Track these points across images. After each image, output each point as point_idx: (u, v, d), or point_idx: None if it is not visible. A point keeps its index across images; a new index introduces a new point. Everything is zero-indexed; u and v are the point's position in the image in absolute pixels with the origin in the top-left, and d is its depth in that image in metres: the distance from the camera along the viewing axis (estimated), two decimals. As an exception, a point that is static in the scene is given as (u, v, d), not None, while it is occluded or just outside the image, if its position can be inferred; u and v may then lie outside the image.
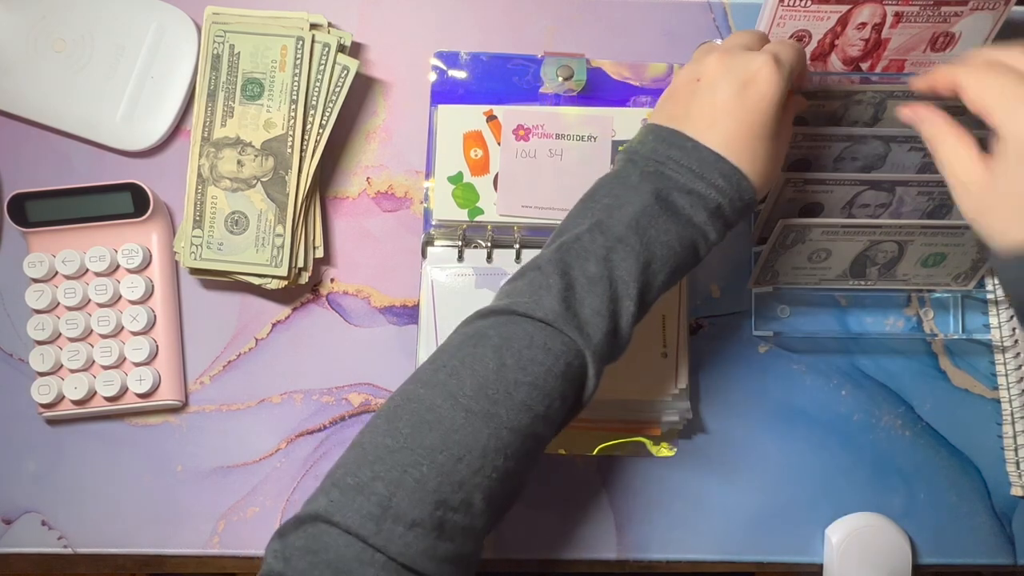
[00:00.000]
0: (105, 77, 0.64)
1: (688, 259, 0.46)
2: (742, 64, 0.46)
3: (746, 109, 0.46)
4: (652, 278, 0.45)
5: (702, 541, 0.63)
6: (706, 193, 0.45)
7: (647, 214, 0.45)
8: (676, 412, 0.59)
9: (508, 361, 0.42)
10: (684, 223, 0.45)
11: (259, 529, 0.62)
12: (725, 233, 0.47)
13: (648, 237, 0.45)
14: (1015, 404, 0.63)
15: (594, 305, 0.44)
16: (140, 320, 0.61)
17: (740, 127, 0.46)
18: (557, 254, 0.45)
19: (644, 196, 0.45)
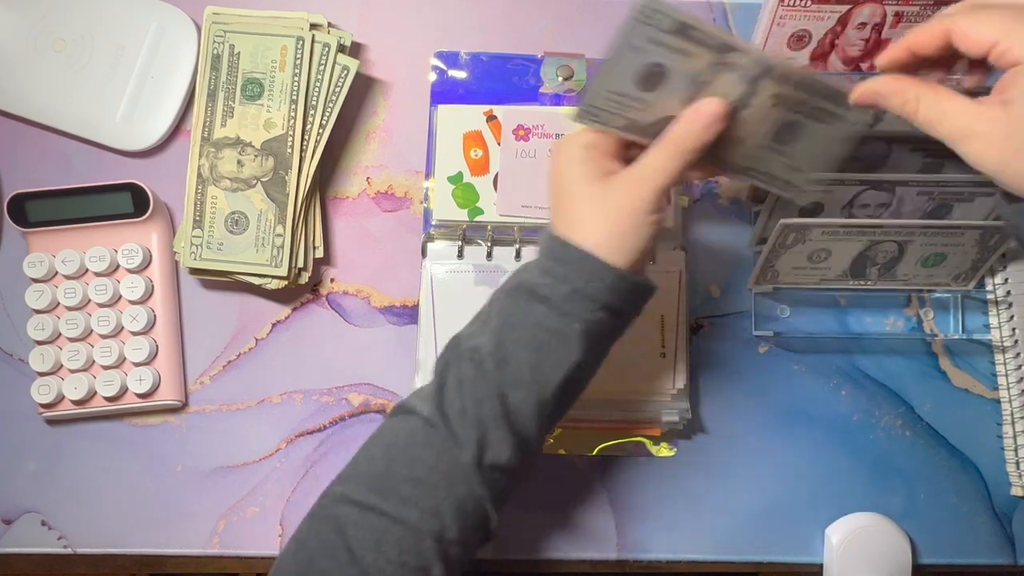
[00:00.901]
0: (105, 77, 0.64)
1: (560, 344, 0.43)
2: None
3: (553, 184, 0.46)
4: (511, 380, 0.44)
5: (702, 541, 0.63)
6: (546, 280, 0.44)
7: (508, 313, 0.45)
8: (676, 412, 0.59)
9: (397, 457, 0.44)
10: (539, 317, 0.44)
11: (259, 529, 0.62)
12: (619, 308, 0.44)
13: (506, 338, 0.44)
14: (1015, 404, 0.63)
15: (462, 406, 0.44)
16: (140, 320, 0.61)
17: (555, 202, 0.46)
18: (448, 353, 0.46)
19: (504, 296, 0.45)
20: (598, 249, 0.43)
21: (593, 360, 0.45)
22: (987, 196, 0.57)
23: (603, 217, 0.43)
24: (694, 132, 0.43)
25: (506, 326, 0.44)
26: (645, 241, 0.44)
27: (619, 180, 0.44)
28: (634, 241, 0.43)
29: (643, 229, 0.43)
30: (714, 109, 0.43)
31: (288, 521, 0.62)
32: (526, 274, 0.45)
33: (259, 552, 0.62)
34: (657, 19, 0.42)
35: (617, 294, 0.44)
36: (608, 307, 0.44)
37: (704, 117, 0.43)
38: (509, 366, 0.43)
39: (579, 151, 0.45)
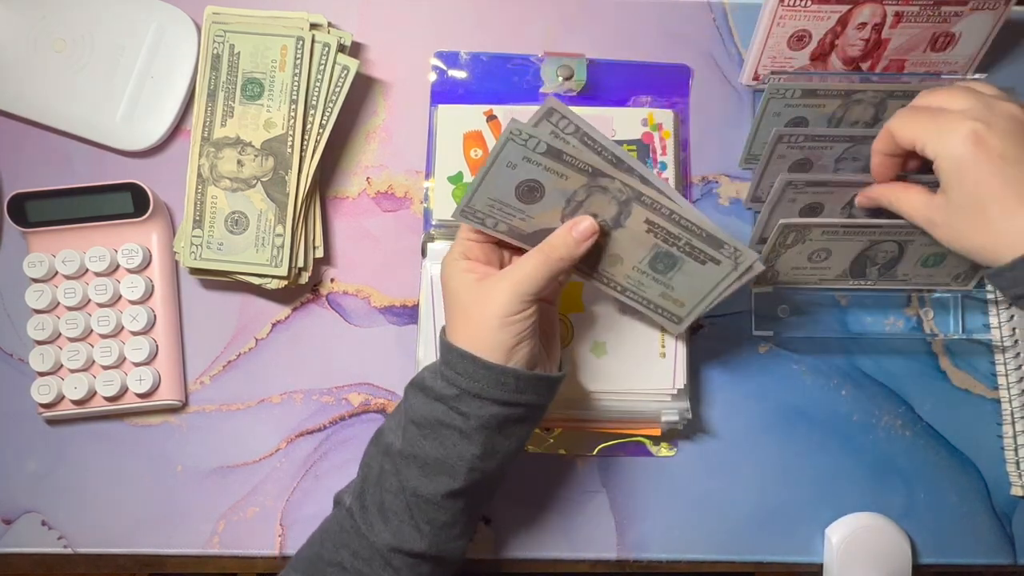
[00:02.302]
0: (105, 77, 0.64)
1: (460, 440, 0.47)
2: None
3: (443, 292, 0.50)
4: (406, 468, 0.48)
5: (702, 541, 0.63)
6: (438, 383, 0.48)
7: (414, 410, 0.48)
8: (676, 412, 0.59)
9: (326, 544, 0.49)
10: (439, 414, 0.47)
11: (259, 529, 0.62)
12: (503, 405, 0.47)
13: (413, 435, 0.48)
14: (1015, 404, 0.63)
15: (380, 499, 0.48)
16: (140, 320, 0.61)
17: (444, 307, 0.50)
18: (371, 446, 0.51)
19: (412, 392, 0.49)
20: (474, 349, 0.46)
21: (501, 448, 0.48)
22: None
23: (474, 319, 0.47)
24: (566, 245, 0.48)
25: (412, 423, 0.48)
26: (514, 339, 0.46)
27: (487, 283, 0.47)
28: (502, 338, 0.46)
29: (508, 328, 0.46)
30: (585, 227, 0.48)
31: (288, 521, 0.62)
32: (428, 373, 0.49)
33: (259, 552, 0.62)
34: (531, 142, 0.45)
35: (503, 388, 0.46)
36: (498, 401, 0.47)
37: (577, 233, 0.48)
38: (417, 460, 0.47)
39: (458, 261, 0.49)
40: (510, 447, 0.49)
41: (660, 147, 0.63)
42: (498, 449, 0.48)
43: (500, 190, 0.47)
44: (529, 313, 0.47)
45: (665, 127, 0.63)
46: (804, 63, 0.63)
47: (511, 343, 0.46)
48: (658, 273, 0.51)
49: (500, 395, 0.46)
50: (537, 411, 0.50)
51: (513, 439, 0.49)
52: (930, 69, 0.63)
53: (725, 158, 0.66)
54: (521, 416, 0.48)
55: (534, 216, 0.49)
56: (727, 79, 0.66)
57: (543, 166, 0.46)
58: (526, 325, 0.47)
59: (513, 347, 0.47)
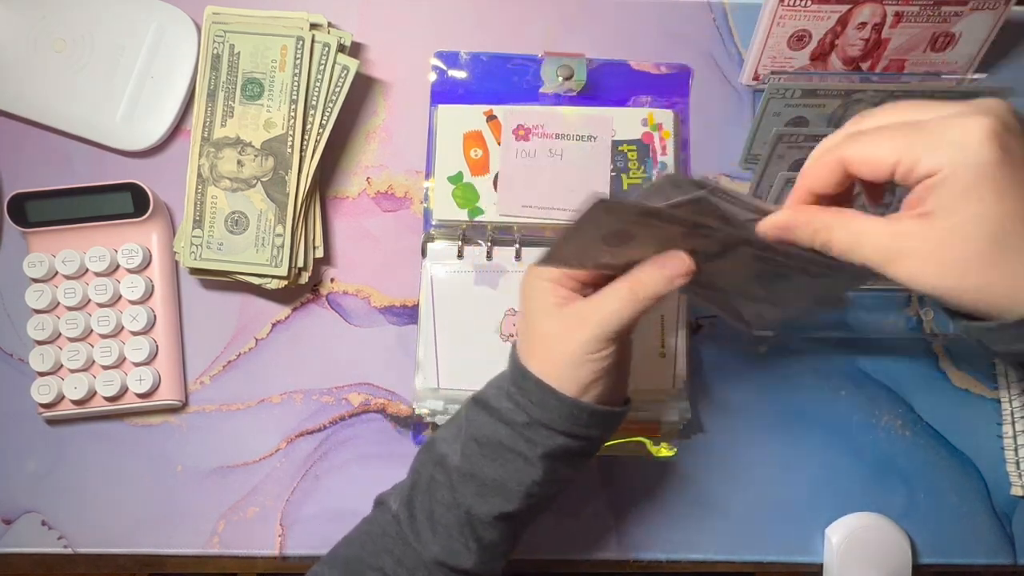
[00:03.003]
0: (105, 77, 0.64)
1: (523, 465, 0.45)
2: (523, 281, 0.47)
3: (520, 309, 0.47)
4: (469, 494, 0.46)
5: (702, 541, 0.63)
6: (508, 405, 0.46)
7: (476, 427, 0.47)
8: (676, 412, 0.59)
9: (368, 546, 0.48)
10: (503, 437, 0.46)
11: (259, 529, 0.62)
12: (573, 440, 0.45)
13: (472, 452, 0.46)
14: (1015, 404, 0.63)
15: (430, 509, 0.47)
16: (140, 320, 0.61)
17: (520, 326, 0.47)
18: (423, 453, 0.49)
19: (475, 407, 0.47)
20: (549, 379, 0.44)
21: (561, 476, 0.47)
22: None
23: (552, 348, 0.44)
24: (655, 283, 0.43)
25: (472, 440, 0.46)
26: (591, 376, 0.44)
27: (570, 313, 0.44)
28: (579, 375, 0.44)
29: (586, 366, 0.44)
30: (677, 264, 0.42)
31: (288, 521, 0.62)
32: (493, 391, 0.47)
33: (259, 552, 0.62)
34: (618, 210, 0.38)
35: (574, 422, 0.45)
36: (567, 433, 0.45)
37: (669, 268, 0.42)
38: (475, 479, 0.46)
39: (543, 281, 0.46)
40: (569, 475, 0.47)
41: (660, 147, 0.63)
42: (558, 476, 0.46)
43: (589, 245, 0.41)
44: (609, 353, 0.44)
45: (665, 127, 0.63)
46: (804, 63, 0.63)
47: (587, 380, 0.44)
48: (759, 286, 0.45)
49: (570, 428, 0.45)
50: (599, 443, 0.48)
51: (572, 468, 0.47)
52: (930, 69, 0.63)
53: (725, 158, 0.66)
54: (585, 448, 0.47)
55: (624, 254, 0.43)
56: (727, 79, 0.66)
57: (636, 223, 0.39)
58: (605, 364, 0.44)
59: (589, 384, 0.44)
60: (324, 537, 0.62)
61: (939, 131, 0.33)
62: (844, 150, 0.36)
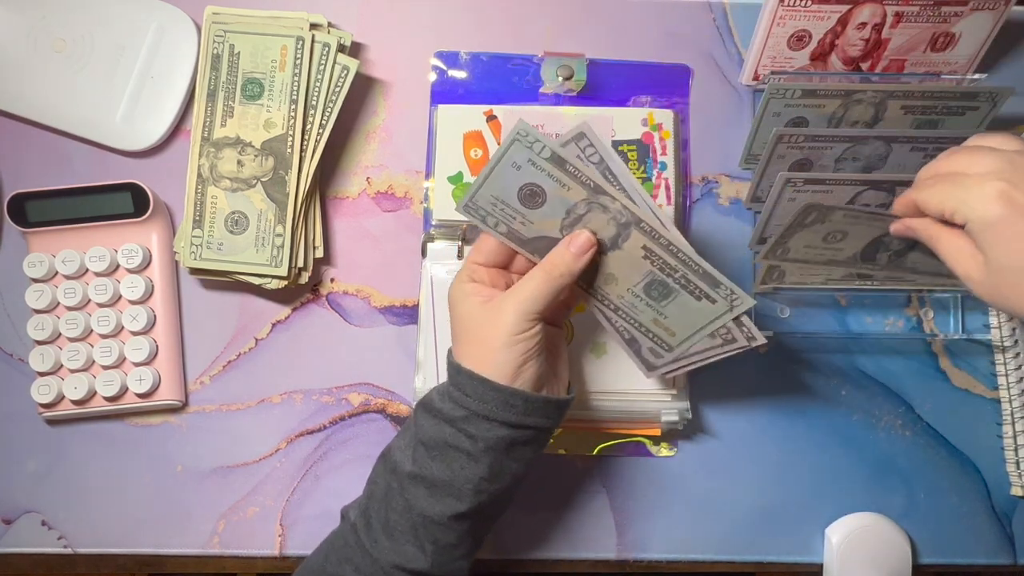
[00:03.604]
0: (105, 77, 0.64)
1: (468, 462, 0.47)
2: None
3: (450, 315, 0.50)
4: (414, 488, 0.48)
5: (702, 541, 0.63)
6: (446, 404, 0.48)
7: (423, 431, 0.49)
8: (676, 412, 0.59)
9: (331, 557, 0.50)
10: (447, 436, 0.47)
11: (259, 529, 0.62)
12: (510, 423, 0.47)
13: (421, 455, 0.48)
14: (1015, 404, 0.63)
15: (386, 517, 0.49)
16: (140, 320, 0.61)
17: (452, 330, 0.50)
18: (379, 463, 0.52)
19: (421, 411, 0.50)
20: (482, 370, 0.47)
21: (510, 470, 0.48)
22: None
23: (480, 340, 0.47)
24: (564, 260, 0.48)
25: (420, 444, 0.48)
26: (521, 358, 0.47)
27: (492, 304, 0.48)
28: (509, 358, 0.47)
29: (514, 348, 0.47)
30: (582, 240, 0.48)
31: (288, 521, 0.62)
32: (436, 394, 0.49)
33: (259, 552, 0.62)
34: (536, 146, 0.46)
35: (511, 410, 0.47)
36: (507, 423, 0.47)
37: (575, 247, 0.48)
38: (424, 481, 0.47)
39: (464, 283, 0.49)
40: (518, 469, 0.49)
41: (660, 147, 0.63)
42: (505, 471, 0.48)
43: (503, 190, 0.48)
44: (534, 332, 0.47)
45: (665, 127, 0.63)
46: (804, 63, 0.63)
47: (518, 362, 0.47)
48: (652, 299, 0.50)
49: (508, 417, 0.47)
50: (545, 434, 0.50)
51: (520, 462, 0.49)
52: (930, 69, 0.63)
53: (725, 158, 0.66)
54: (528, 438, 0.48)
55: (534, 222, 0.49)
56: (727, 79, 0.66)
57: (546, 172, 0.46)
58: (532, 344, 0.47)
59: (520, 366, 0.47)
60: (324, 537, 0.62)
61: (966, 191, 0.43)
62: (917, 194, 0.47)
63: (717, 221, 0.65)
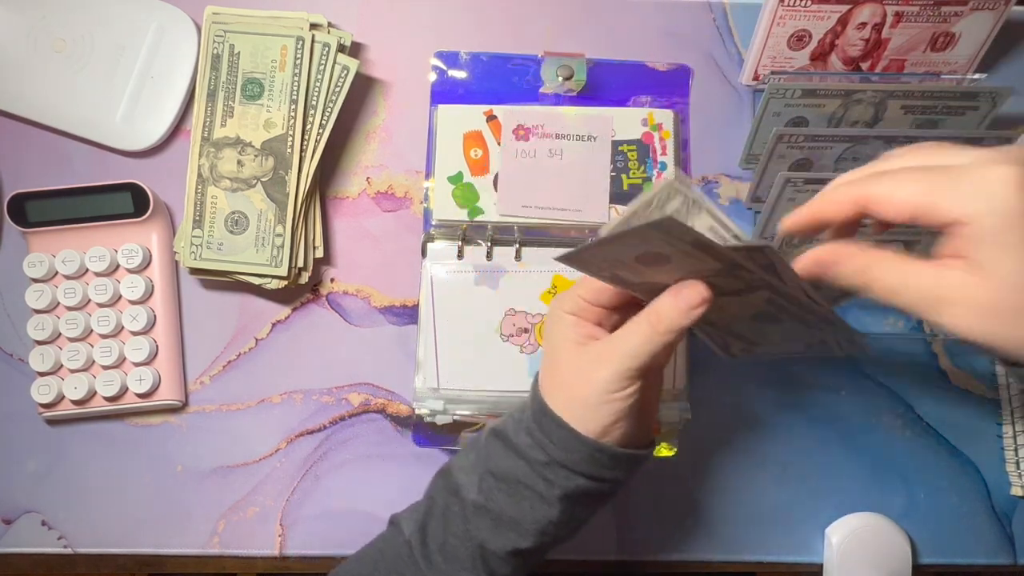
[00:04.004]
0: (105, 77, 0.64)
1: (539, 504, 0.44)
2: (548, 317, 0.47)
3: (543, 343, 0.47)
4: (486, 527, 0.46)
5: (702, 541, 0.63)
6: (527, 441, 0.45)
7: (494, 460, 0.46)
8: (676, 412, 0.59)
9: (380, 568, 0.47)
10: (521, 474, 0.45)
11: (259, 529, 0.62)
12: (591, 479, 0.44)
13: (489, 486, 0.46)
14: (1015, 404, 0.63)
15: (444, 540, 0.46)
16: (140, 320, 0.61)
17: (544, 360, 0.46)
18: (439, 479, 0.48)
19: (493, 438, 0.47)
20: (571, 418, 0.43)
21: (578, 516, 0.46)
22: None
23: (573, 386, 0.44)
24: (671, 316, 0.41)
25: (490, 474, 0.46)
26: (612, 417, 0.43)
27: (593, 351, 0.43)
28: (601, 415, 0.43)
29: (607, 406, 0.43)
30: (695, 296, 0.41)
31: (288, 521, 0.62)
32: (512, 424, 0.46)
33: (259, 552, 0.62)
34: (677, 231, 0.36)
35: (594, 464, 0.44)
36: (587, 475, 0.44)
37: (687, 299, 0.41)
38: (490, 514, 0.45)
39: (566, 316, 0.45)
40: (585, 517, 0.47)
41: (660, 147, 0.63)
42: (574, 518, 0.46)
43: (621, 255, 0.40)
44: (632, 391, 0.43)
45: (665, 127, 0.63)
46: (804, 63, 0.63)
47: (609, 421, 0.43)
48: (755, 322, 0.45)
49: (591, 471, 0.44)
50: (620, 485, 0.47)
51: (590, 509, 0.47)
52: (930, 69, 0.63)
53: (725, 158, 0.66)
54: (604, 490, 0.46)
55: (648, 274, 0.42)
56: (727, 79, 0.66)
57: (679, 248, 0.38)
58: (627, 404, 0.43)
59: (610, 425, 0.43)
60: (324, 537, 0.62)
61: (966, 178, 0.33)
62: (867, 187, 0.36)
63: (717, 221, 0.65)
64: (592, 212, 0.62)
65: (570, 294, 0.46)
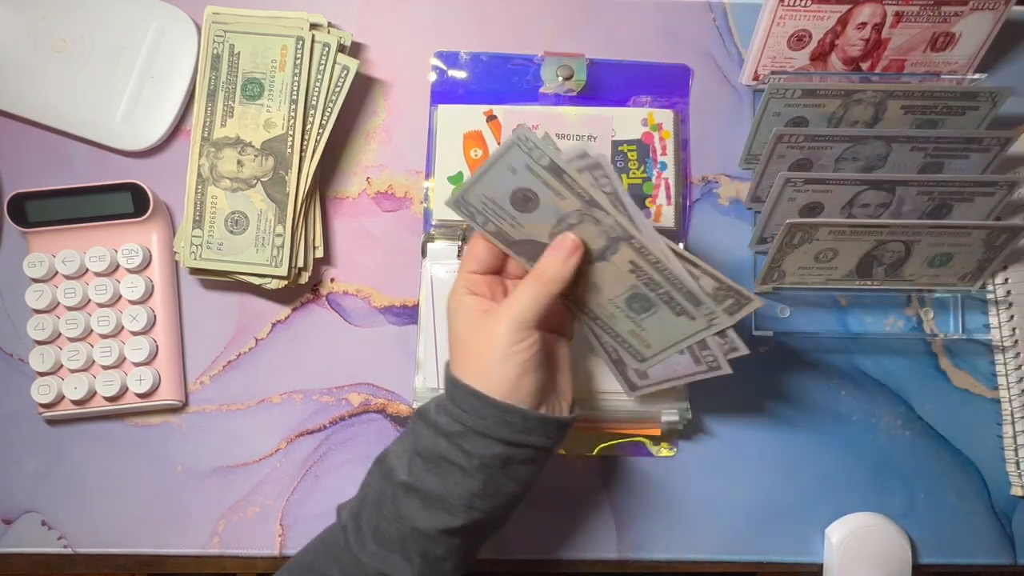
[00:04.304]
0: (105, 77, 0.64)
1: (462, 477, 0.46)
2: None
3: (451, 337, 0.49)
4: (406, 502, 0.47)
5: (702, 541, 0.63)
6: (443, 418, 0.47)
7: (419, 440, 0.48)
8: (676, 412, 0.59)
9: (319, 555, 0.49)
10: (442, 450, 0.46)
11: (259, 529, 0.62)
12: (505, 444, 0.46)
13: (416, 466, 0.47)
14: (1015, 404, 0.63)
15: (376, 524, 0.47)
16: (140, 320, 0.61)
17: (449, 343, 0.49)
18: (375, 466, 0.50)
19: (418, 420, 0.49)
20: (476, 382, 0.46)
21: (506, 489, 0.47)
22: (987, 196, 0.57)
23: (476, 353, 0.46)
24: (552, 266, 0.47)
25: (416, 454, 0.47)
26: (517, 369, 0.45)
27: (488, 316, 0.47)
28: (506, 372, 0.45)
29: (511, 359, 0.45)
30: (570, 243, 0.47)
31: (288, 521, 0.62)
32: (433, 404, 0.48)
33: (259, 552, 0.62)
34: (535, 153, 0.44)
35: (508, 427, 0.45)
36: (503, 440, 0.45)
37: (562, 251, 0.47)
38: (418, 493, 0.46)
39: (461, 296, 0.49)
40: (513, 489, 0.47)
41: (660, 147, 0.63)
42: (501, 489, 0.47)
43: (496, 191, 0.47)
44: (531, 343, 0.46)
45: (665, 127, 0.63)
46: (804, 63, 0.63)
47: (514, 374, 0.45)
48: (632, 312, 0.50)
49: (505, 435, 0.45)
50: (544, 453, 0.48)
51: (517, 481, 0.47)
52: (930, 69, 0.63)
53: (725, 158, 0.66)
54: (526, 457, 0.47)
55: (524, 226, 0.48)
56: (727, 79, 0.66)
57: (542, 180, 0.45)
58: (528, 355, 0.46)
59: (517, 378, 0.45)
60: (324, 537, 0.62)
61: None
62: None
63: (717, 221, 0.65)
64: (592, 212, 0.62)
65: (459, 276, 0.50)
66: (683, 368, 0.52)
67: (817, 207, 0.58)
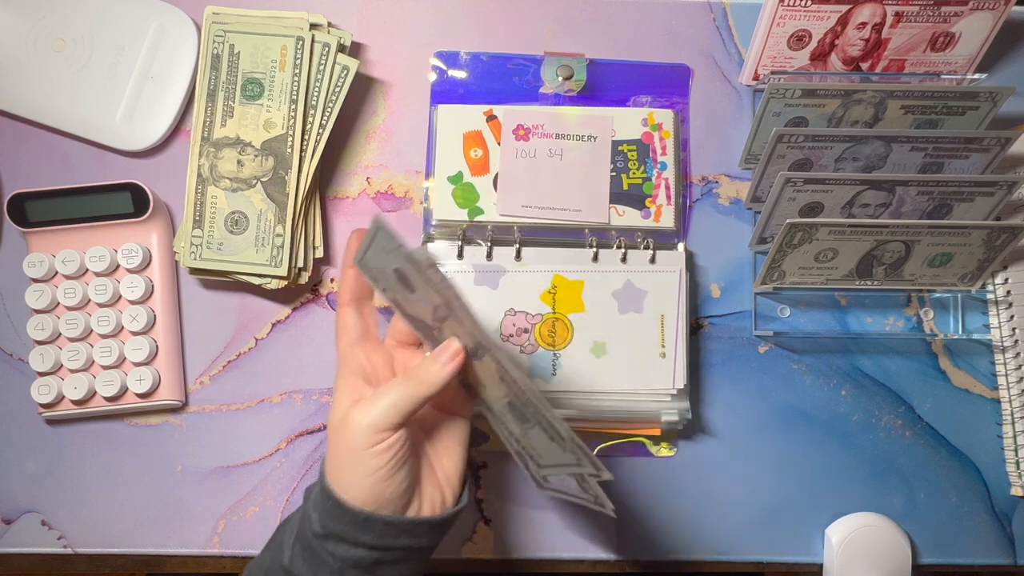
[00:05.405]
0: (105, 77, 0.64)
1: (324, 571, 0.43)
2: None
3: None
4: None
5: (702, 541, 0.63)
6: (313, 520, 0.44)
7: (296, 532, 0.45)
8: (676, 412, 0.59)
9: None
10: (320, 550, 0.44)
11: (259, 529, 0.62)
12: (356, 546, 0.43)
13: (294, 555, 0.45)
14: (1015, 404, 0.63)
15: None
16: (140, 320, 0.61)
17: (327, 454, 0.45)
18: (276, 532, 0.48)
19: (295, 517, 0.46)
20: (340, 486, 0.42)
21: None
22: (987, 196, 0.57)
23: (336, 455, 0.43)
24: (429, 372, 0.43)
25: (298, 540, 0.44)
26: (377, 473, 0.42)
27: (351, 414, 0.42)
28: (357, 481, 0.42)
29: (365, 466, 0.42)
30: (451, 352, 0.43)
31: (288, 521, 0.62)
32: (316, 488, 0.45)
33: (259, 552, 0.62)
34: (392, 248, 0.40)
35: (372, 534, 0.42)
36: (366, 545, 0.42)
37: (444, 352, 0.43)
38: None
39: (343, 379, 0.45)
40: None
41: (660, 147, 0.63)
42: None
43: (383, 264, 0.42)
44: (388, 444, 0.42)
45: (665, 127, 0.63)
46: (804, 63, 0.63)
47: (371, 481, 0.42)
48: (515, 419, 0.45)
49: (368, 540, 0.42)
50: (417, 552, 0.44)
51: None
52: (930, 69, 0.63)
53: (725, 158, 0.66)
54: (398, 558, 0.44)
55: (412, 303, 0.44)
56: (727, 79, 0.66)
57: (414, 269, 0.41)
58: (386, 459, 0.42)
59: (375, 484, 0.42)
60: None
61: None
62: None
63: (717, 221, 0.65)
64: (592, 212, 0.62)
65: (339, 355, 0.46)
66: (574, 489, 0.48)
67: (817, 207, 0.58)
